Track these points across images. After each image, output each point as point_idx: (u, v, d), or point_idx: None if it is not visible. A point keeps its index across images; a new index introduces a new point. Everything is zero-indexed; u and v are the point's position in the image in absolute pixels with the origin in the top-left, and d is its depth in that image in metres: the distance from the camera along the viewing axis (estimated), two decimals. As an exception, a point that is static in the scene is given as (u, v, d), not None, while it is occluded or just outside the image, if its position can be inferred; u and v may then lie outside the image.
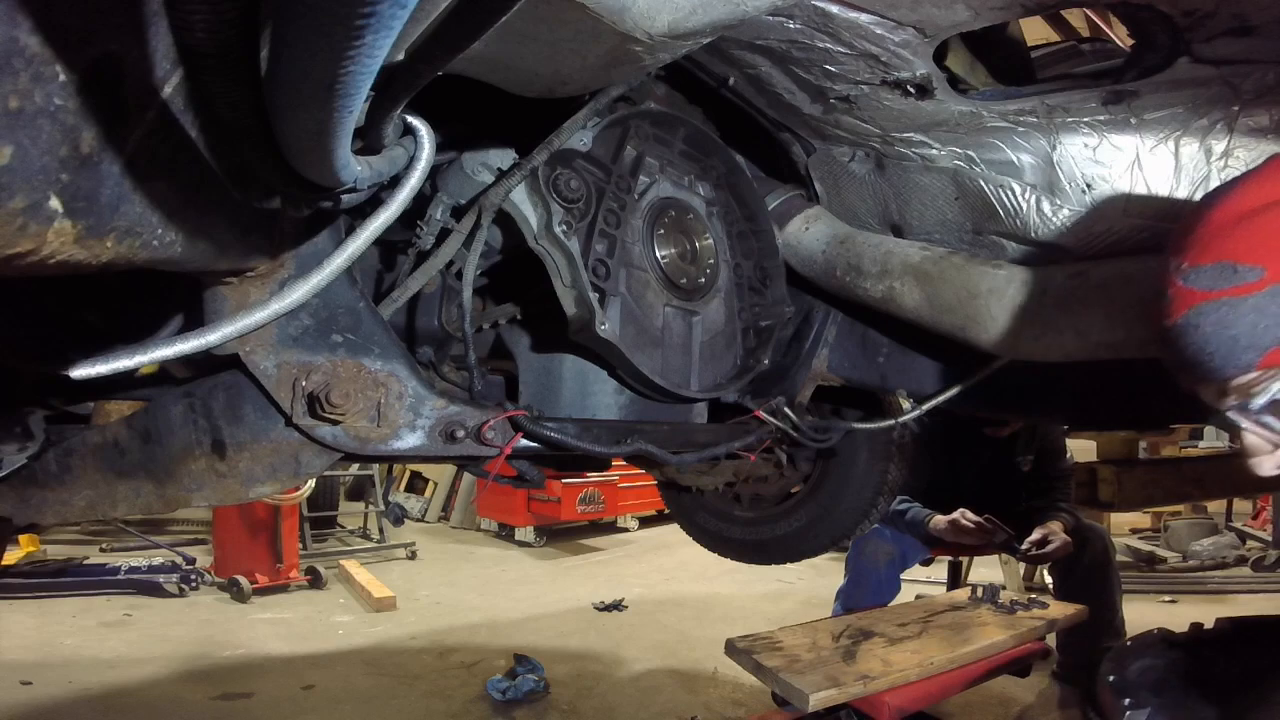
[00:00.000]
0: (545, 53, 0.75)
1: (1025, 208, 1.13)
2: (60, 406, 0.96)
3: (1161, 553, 5.48)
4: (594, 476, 6.17)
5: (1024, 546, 2.56)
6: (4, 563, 2.65)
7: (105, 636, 3.69)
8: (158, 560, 4.73)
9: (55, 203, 0.41)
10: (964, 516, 2.63)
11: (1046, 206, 1.11)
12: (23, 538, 4.47)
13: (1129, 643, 1.18)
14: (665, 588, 5.05)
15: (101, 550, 5.13)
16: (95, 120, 0.41)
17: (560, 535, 6.59)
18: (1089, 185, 1.09)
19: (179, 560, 4.69)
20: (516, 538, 6.45)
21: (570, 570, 5.66)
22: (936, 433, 2.79)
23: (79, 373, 0.58)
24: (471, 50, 0.45)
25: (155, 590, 4.37)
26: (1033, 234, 1.13)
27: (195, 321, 0.71)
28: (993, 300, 1.04)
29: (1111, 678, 1.04)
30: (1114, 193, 1.08)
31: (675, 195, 1.18)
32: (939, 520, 2.65)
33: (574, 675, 3.39)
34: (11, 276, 0.44)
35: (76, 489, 0.82)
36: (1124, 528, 6.14)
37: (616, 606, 4.54)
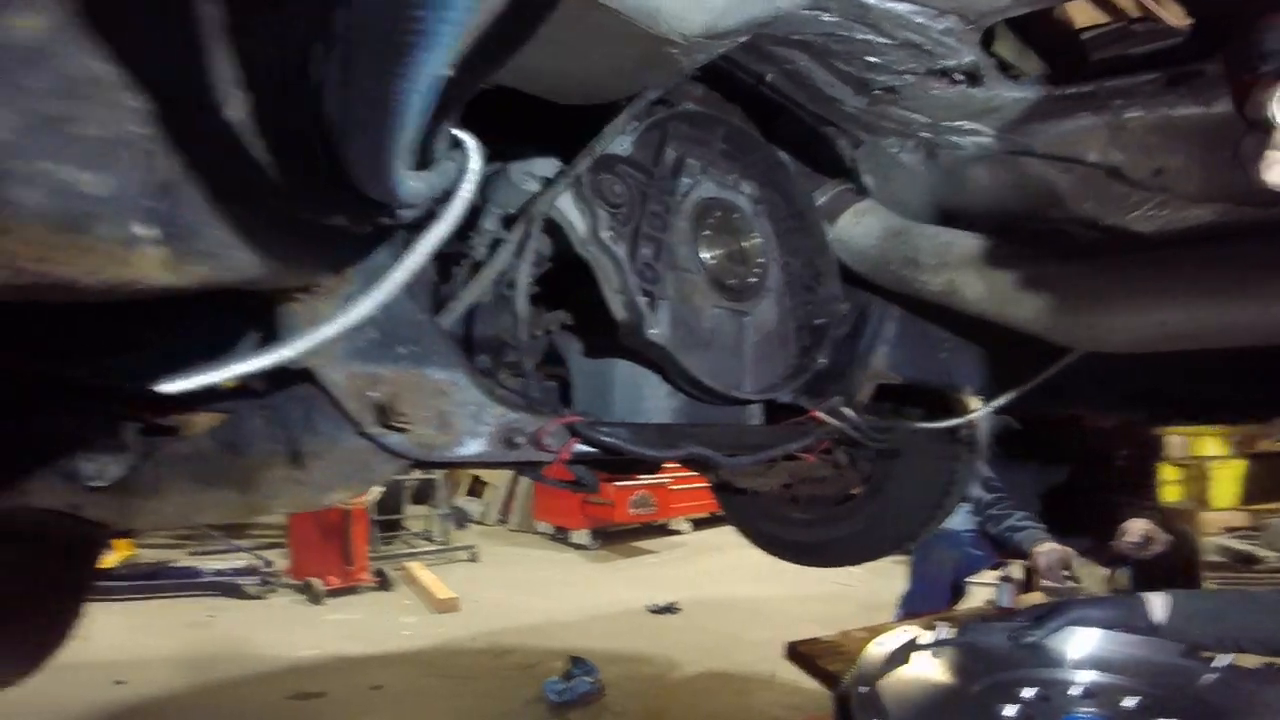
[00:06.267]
0: (580, 60, 0.76)
1: (1091, 193, 1.08)
2: (151, 420, 1.04)
3: (1261, 552, 5.11)
4: (645, 479, 6.19)
5: (1124, 544, 2.41)
6: (103, 566, 2.84)
7: (190, 637, 3.92)
8: (239, 563, 4.98)
9: (142, 229, 0.43)
10: (1066, 559, 2.42)
11: (1115, 191, 1.06)
12: (120, 542, 4.78)
13: (877, 649, 1.12)
14: (718, 590, 5.02)
15: (189, 554, 5.43)
16: (170, 146, 0.43)
17: (613, 537, 6.64)
18: (1159, 169, 1.04)
19: (258, 563, 4.92)
20: (571, 540, 6.53)
21: (623, 572, 5.69)
22: (1030, 426, 2.66)
23: (168, 388, 0.62)
24: (509, 61, 0.46)
25: (236, 592, 4.62)
26: (1103, 221, 1.08)
27: (270, 338, 0.75)
28: (1064, 290, 1.00)
29: (862, 689, 0.98)
30: (1188, 175, 1.02)
31: (719, 195, 1.18)
32: (1042, 552, 2.45)
33: (627, 677, 3.40)
34: (111, 302, 0.47)
35: (168, 497, 0.88)
36: (1218, 526, 5.75)
37: (669, 609, 4.54)
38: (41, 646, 1.42)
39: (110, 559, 4.61)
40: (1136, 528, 2.41)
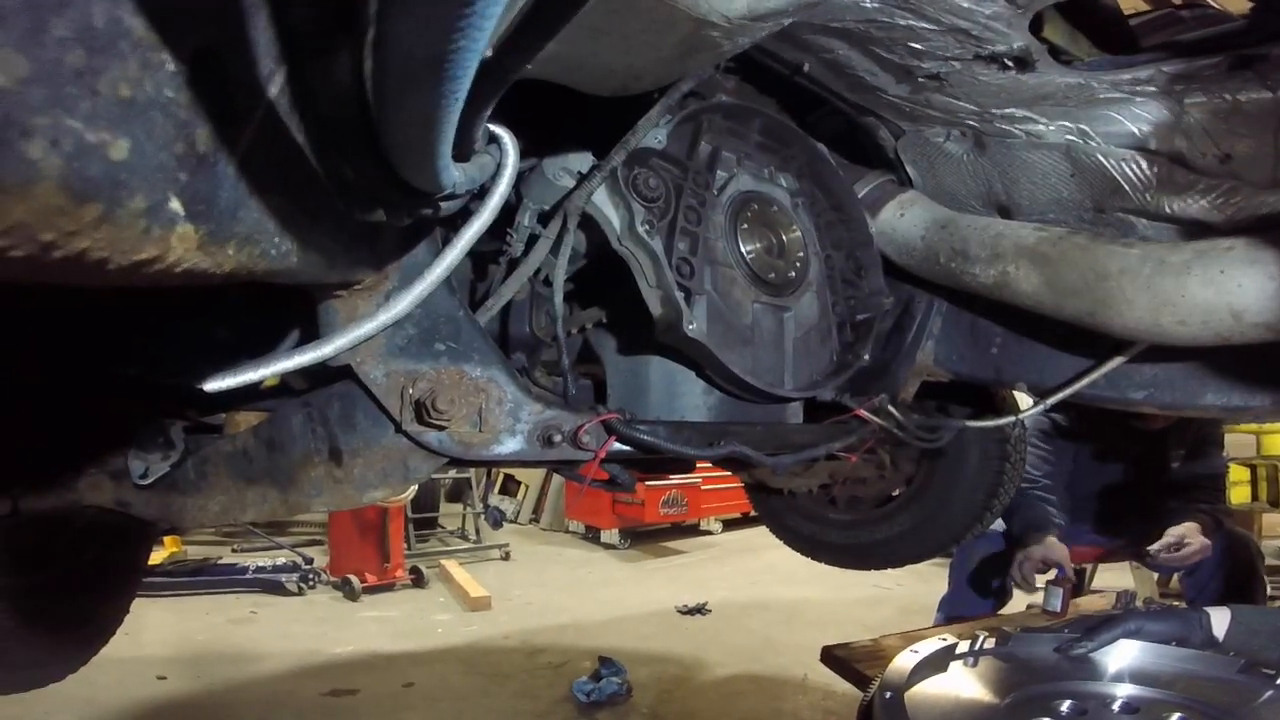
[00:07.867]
0: (619, 46, 0.74)
1: (1154, 181, 1.03)
2: (196, 418, 1.05)
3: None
4: (675, 479, 6.17)
5: (1154, 549, 2.31)
6: (150, 562, 2.92)
7: (232, 633, 4.01)
8: (281, 560, 5.07)
9: (176, 204, 0.39)
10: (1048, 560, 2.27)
11: (1180, 179, 1.01)
12: (167, 539, 4.93)
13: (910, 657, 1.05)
14: (750, 591, 4.96)
15: (233, 551, 5.55)
16: (207, 116, 0.39)
17: (643, 537, 6.63)
18: (1228, 155, 0.98)
19: (299, 560, 5.01)
20: (602, 539, 6.54)
21: (653, 572, 5.67)
22: (1079, 426, 2.56)
23: (212, 386, 0.62)
24: (545, 51, 0.44)
25: (277, 589, 4.70)
26: (1167, 209, 1.02)
27: (311, 335, 0.75)
28: (1125, 281, 0.95)
29: (887, 696, 0.93)
30: (1258, 162, 0.97)
31: (756, 188, 1.15)
32: (1028, 550, 2.30)
33: (655, 678, 3.38)
34: (141, 287, 0.44)
35: (212, 495, 0.89)
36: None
37: (699, 610, 4.50)
38: (87, 642, 1.46)
39: (157, 556, 4.76)
40: (1171, 532, 2.29)
